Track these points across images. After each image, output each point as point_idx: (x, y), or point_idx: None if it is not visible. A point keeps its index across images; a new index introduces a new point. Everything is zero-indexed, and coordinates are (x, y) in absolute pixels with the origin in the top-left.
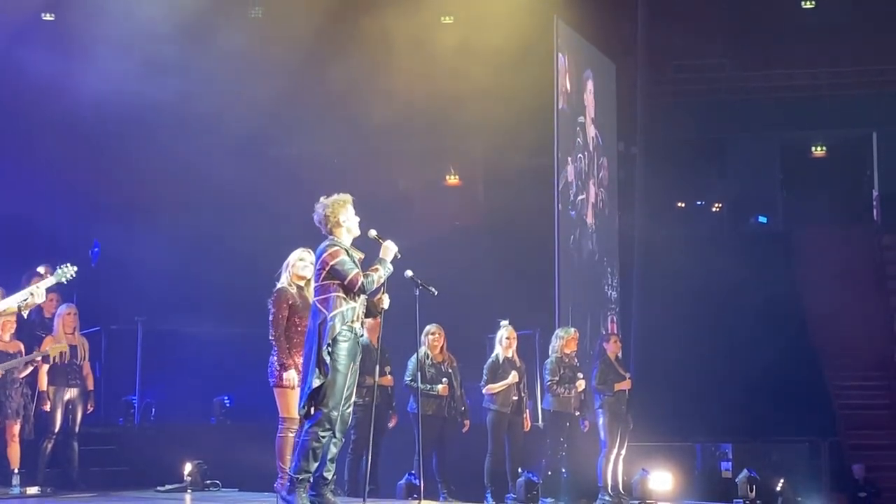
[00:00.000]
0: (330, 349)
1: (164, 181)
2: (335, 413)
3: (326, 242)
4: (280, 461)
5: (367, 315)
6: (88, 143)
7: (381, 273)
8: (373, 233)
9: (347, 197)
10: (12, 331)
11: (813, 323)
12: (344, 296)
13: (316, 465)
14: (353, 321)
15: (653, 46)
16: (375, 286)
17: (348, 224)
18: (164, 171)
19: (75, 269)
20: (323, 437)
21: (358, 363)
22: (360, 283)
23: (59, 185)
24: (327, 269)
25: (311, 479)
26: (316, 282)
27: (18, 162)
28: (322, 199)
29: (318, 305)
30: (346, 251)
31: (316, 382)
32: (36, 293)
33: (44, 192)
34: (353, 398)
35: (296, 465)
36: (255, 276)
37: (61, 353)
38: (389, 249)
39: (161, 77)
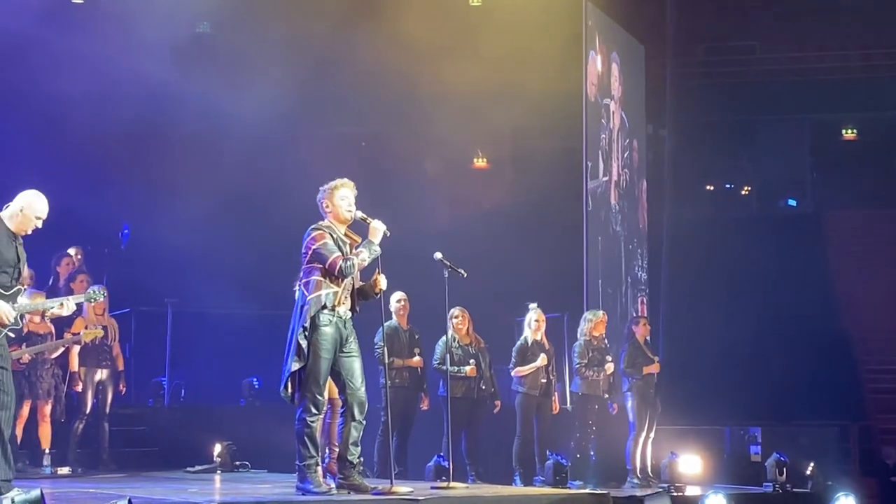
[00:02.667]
0: (307, 333)
1: (194, 163)
2: (320, 397)
3: (312, 226)
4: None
5: (364, 298)
6: (119, 125)
7: (365, 255)
8: (359, 214)
9: (339, 182)
10: None
11: (843, 306)
12: (325, 279)
13: (315, 448)
14: (334, 305)
15: (682, 28)
16: (357, 269)
17: (334, 210)
18: (194, 152)
19: (105, 292)
20: (312, 422)
21: (348, 346)
22: (338, 266)
23: (90, 168)
24: (310, 252)
25: (338, 462)
26: (301, 265)
27: (49, 144)
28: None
29: (302, 288)
30: (332, 235)
31: (294, 366)
32: (66, 305)
33: (74, 174)
34: (359, 379)
35: (297, 454)
36: (284, 259)
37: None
38: (377, 230)
39: (189, 60)
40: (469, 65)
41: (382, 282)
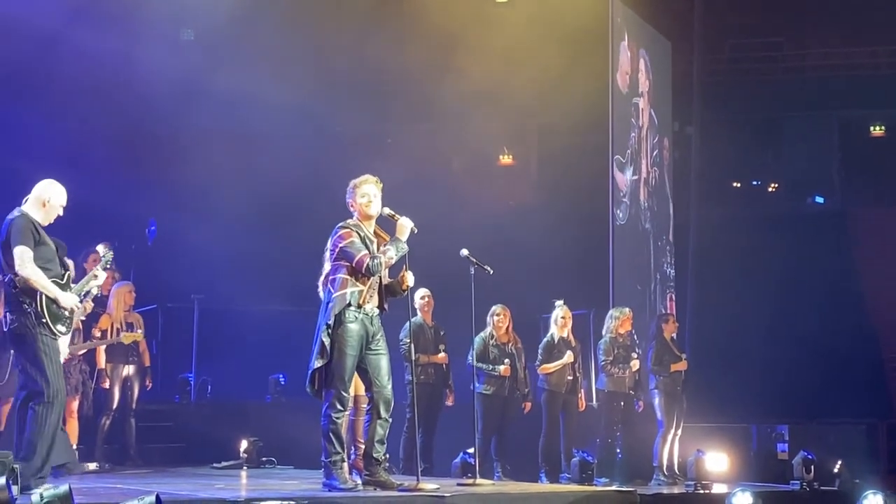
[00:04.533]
0: (330, 331)
1: (221, 160)
2: (346, 394)
3: (340, 224)
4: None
5: (392, 295)
6: (145, 122)
7: (392, 253)
8: (387, 210)
9: (362, 179)
10: None
11: (870, 304)
12: (351, 277)
13: (341, 445)
14: (360, 303)
15: (709, 25)
16: (384, 267)
17: (359, 207)
18: (222, 149)
19: (111, 253)
20: (337, 418)
21: (376, 344)
22: (366, 264)
23: (117, 164)
24: (337, 250)
25: (364, 459)
26: (330, 262)
27: (76, 141)
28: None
29: (329, 285)
30: (359, 233)
31: (317, 363)
32: (98, 276)
33: (102, 171)
34: (385, 377)
35: (323, 450)
36: (311, 255)
37: (116, 330)
38: (405, 227)
39: (215, 56)
40: (495, 61)
41: (409, 279)
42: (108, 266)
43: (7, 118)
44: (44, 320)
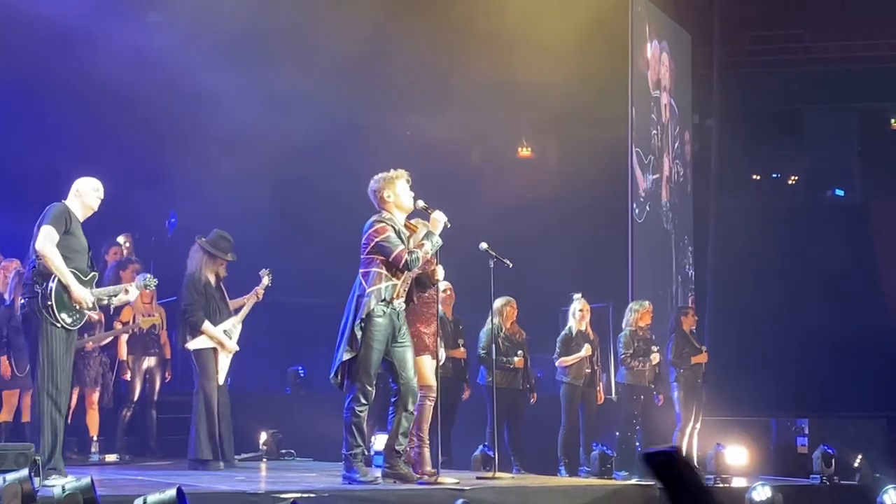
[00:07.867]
0: (363, 325)
1: (239, 152)
2: (370, 388)
3: (374, 217)
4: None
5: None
6: (164, 115)
7: (428, 248)
8: (420, 203)
9: (398, 173)
10: None
11: (890, 297)
12: (385, 272)
13: (362, 438)
14: (392, 298)
15: (729, 17)
16: (422, 262)
17: (395, 200)
18: (238, 142)
19: (156, 281)
20: (360, 411)
21: (402, 337)
22: (404, 259)
23: (137, 158)
24: (372, 244)
25: (384, 451)
26: (361, 254)
27: (97, 134)
28: (376, 175)
29: (360, 278)
30: (393, 227)
31: (346, 356)
32: (130, 291)
33: (122, 163)
34: (411, 370)
35: (345, 443)
36: (329, 247)
37: (134, 317)
38: (438, 221)
39: (231, 48)
40: (514, 53)
41: (439, 272)
42: (147, 288)
43: (26, 113)
44: (49, 303)
